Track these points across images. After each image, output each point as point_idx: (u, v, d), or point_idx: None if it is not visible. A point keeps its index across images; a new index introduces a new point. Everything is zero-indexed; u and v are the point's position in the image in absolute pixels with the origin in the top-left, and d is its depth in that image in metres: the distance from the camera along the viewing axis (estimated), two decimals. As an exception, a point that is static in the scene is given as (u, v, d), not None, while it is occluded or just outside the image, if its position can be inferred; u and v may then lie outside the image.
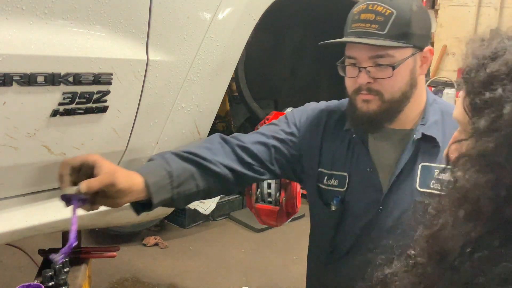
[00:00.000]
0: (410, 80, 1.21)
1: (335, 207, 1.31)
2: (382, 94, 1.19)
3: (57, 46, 1.11)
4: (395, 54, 1.16)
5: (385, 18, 1.16)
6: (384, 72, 1.17)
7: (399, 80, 1.18)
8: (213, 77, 1.44)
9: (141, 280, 2.97)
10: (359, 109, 1.22)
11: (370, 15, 1.17)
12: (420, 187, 1.21)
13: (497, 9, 5.30)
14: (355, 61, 1.21)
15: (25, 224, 1.21)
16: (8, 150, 1.11)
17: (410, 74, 1.21)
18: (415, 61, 1.21)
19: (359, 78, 1.19)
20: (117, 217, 1.42)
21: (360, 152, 1.29)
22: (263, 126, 1.44)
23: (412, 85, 1.22)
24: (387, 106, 1.20)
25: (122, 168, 1.14)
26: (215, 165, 1.26)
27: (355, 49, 1.20)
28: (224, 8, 1.41)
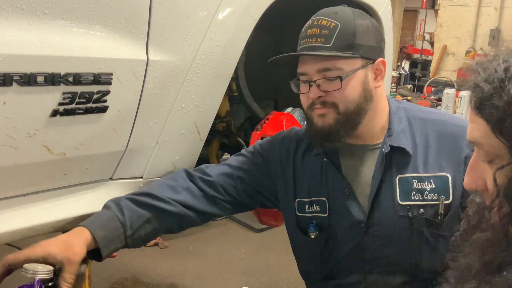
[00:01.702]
0: (363, 92, 1.19)
1: (314, 233, 1.30)
2: (337, 105, 1.17)
3: (57, 46, 1.11)
4: (343, 66, 1.16)
5: (330, 31, 1.16)
6: (333, 84, 1.16)
7: (351, 91, 1.17)
8: (213, 77, 1.44)
9: (141, 280, 2.97)
10: (315, 123, 1.21)
11: (315, 30, 1.17)
12: (402, 201, 1.19)
13: (497, 9, 5.31)
14: (307, 77, 1.20)
15: (25, 224, 1.21)
16: (8, 150, 1.11)
17: (362, 85, 1.19)
18: (366, 73, 1.19)
19: (310, 92, 1.19)
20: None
21: (334, 175, 1.27)
22: (231, 157, 1.44)
23: (367, 98, 1.20)
24: (343, 119, 1.18)
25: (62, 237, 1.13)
26: (173, 206, 1.27)
27: (304, 65, 1.20)
28: (224, 8, 1.41)
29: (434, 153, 1.22)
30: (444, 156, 1.21)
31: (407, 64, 8.83)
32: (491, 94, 0.73)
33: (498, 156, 0.74)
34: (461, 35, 5.55)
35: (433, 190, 1.18)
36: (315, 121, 1.21)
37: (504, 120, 0.71)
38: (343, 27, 1.16)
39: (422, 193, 1.18)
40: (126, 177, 1.40)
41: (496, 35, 5.29)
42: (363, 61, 1.18)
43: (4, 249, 1.29)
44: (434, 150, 1.22)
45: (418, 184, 1.19)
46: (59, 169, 1.26)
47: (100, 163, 1.33)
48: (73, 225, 1.35)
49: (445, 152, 1.21)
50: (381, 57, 1.22)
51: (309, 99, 1.20)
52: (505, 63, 0.73)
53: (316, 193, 1.30)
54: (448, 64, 5.79)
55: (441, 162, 1.21)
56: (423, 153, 1.22)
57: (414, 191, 1.19)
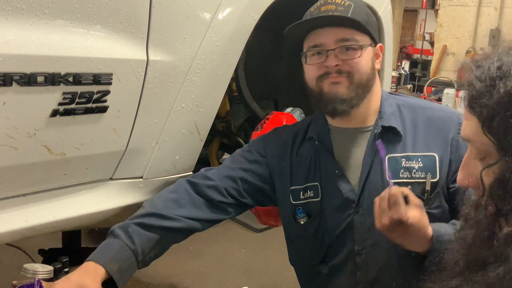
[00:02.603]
0: (371, 67, 1.26)
1: (303, 220, 1.32)
2: (353, 74, 1.21)
3: (57, 46, 1.11)
4: (359, 39, 1.22)
5: (345, 8, 1.21)
6: (352, 53, 1.21)
7: (365, 63, 1.23)
8: (213, 77, 1.44)
9: (141, 280, 2.97)
10: (326, 93, 1.23)
11: (330, 6, 1.22)
12: (389, 179, 1.18)
13: (497, 9, 5.31)
14: (321, 48, 1.23)
15: (25, 224, 1.21)
16: (8, 150, 1.11)
17: (371, 61, 1.26)
18: (373, 52, 1.27)
19: (328, 61, 1.21)
20: (117, 217, 1.42)
21: (326, 159, 1.30)
22: (228, 157, 1.45)
23: (373, 75, 1.27)
24: (355, 89, 1.22)
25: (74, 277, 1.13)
26: (180, 222, 1.27)
27: (320, 36, 1.24)
28: (224, 8, 1.41)
29: (422, 135, 1.26)
30: (431, 138, 1.25)
31: (407, 64, 8.84)
32: (483, 92, 0.73)
33: (488, 154, 0.74)
34: (461, 35, 5.56)
35: (420, 168, 1.21)
36: (326, 90, 1.23)
37: (494, 119, 0.71)
38: (356, 6, 1.23)
39: (410, 171, 1.22)
40: (126, 177, 1.40)
41: (496, 35, 5.29)
42: (371, 40, 1.26)
43: (4, 249, 1.29)
44: (422, 133, 1.26)
45: (406, 162, 1.22)
46: (59, 169, 1.26)
47: (100, 163, 1.33)
48: (73, 225, 1.35)
49: (432, 134, 1.25)
50: (380, 43, 1.31)
51: (322, 68, 1.23)
52: (498, 62, 0.74)
53: (310, 178, 1.32)
54: (448, 64, 5.79)
55: (429, 143, 1.24)
56: (412, 134, 1.26)
57: (403, 169, 1.21)
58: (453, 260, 0.83)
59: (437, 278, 0.85)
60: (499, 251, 0.70)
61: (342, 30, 1.21)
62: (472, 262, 0.76)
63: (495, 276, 0.69)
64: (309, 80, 1.28)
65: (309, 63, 1.26)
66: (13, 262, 2.57)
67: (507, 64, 0.73)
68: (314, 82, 1.26)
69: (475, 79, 0.75)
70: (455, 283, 0.77)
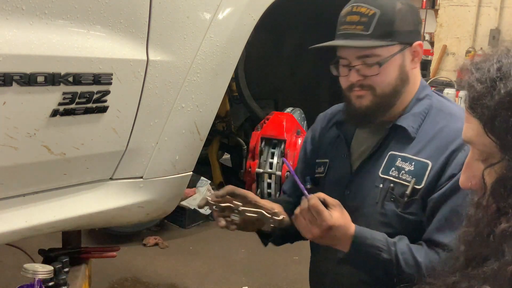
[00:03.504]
0: (399, 75, 1.25)
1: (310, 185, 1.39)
2: (374, 88, 1.24)
3: (57, 46, 1.11)
4: (381, 53, 1.21)
5: (369, 19, 1.20)
6: (371, 70, 1.22)
7: (388, 76, 1.23)
8: (213, 77, 1.44)
9: (141, 280, 2.97)
10: (353, 104, 1.28)
11: (355, 17, 1.22)
12: (381, 173, 1.25)
13: (497, 9, 5.30)
14: (346, 62, 1.26)
15: (25, 224, 1.21)
16: (8, 150, 1.11)
17: (399, 69, 1.25)
18: (403, 56, 1.25)
19: (350, 76, 1.25)
20: (117, 217, 1.42)
21: (341, 141, 1.38)
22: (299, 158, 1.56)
23: (403, 80, 1.26)
24: (379, 101, 1.25)
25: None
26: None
27: (344, 51, 1.26)
28: (224, 8, 1.41)
29: (434, 142, 1.25)
30: (438, 146, 1.24)
31: (407, 64, 8.81)
32: (483, 93, 0.74)
33: (490, 154, 0.75)
34: (461, 35, 5.55)
35: (410, 171, 1.22)
36: (353, 102, 1.28)
37: (495, 119, 0.72)
38: (382, 14, 1.20)
39: (399, 171, 1.24)
40: (126, 177, 1.40)
41: (496, 35, 5.29)
42: (401, 46, 1.24)
43: (4, 249, 1.29)
44: (435, 140, 1.26)
45: (400, 162, 1.24)
46: (59, 169, 1.26)
47: (100, 163, 1.33)
48: (73, 225, 1.35)
49: (438, 141, 1.24)
50: (418, 40, 1.27)
51: (348, 81, 1.26)
52: (498, 63, 0.74)
53: (325, 155, 1.42)
54: (448, 64, 5.78)
55: (433, 151, 1.24)
56: (425, 140, 1.26)
57: (394, 168, 1.24)
58: (454, 257, 0.83)
59: (438, 274, 0.86)
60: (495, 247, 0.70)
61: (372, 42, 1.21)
62: (472, 259, 0.77)
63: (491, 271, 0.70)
64: (342, 88, 1.32)
65: (339, 74, 1.31)
66: (13, 262, 2.57)
67: (506, 65, 0.73)
68: (345, 92, 1.31)
69: (476, 81, 0.75)
70: (454, 279, 0.78)
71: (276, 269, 3.18)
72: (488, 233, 0.73)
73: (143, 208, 1.45)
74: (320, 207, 1.13)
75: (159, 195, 1.46)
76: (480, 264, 0.73)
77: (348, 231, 1.16)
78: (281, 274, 3.12)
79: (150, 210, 1.48)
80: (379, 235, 1.18)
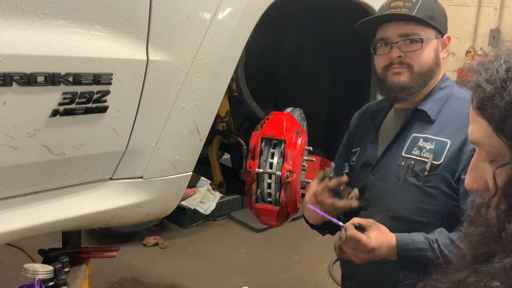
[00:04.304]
0: (435, 57, 1.39)
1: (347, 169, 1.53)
2: (412, 66, 1.36)
3: (57, 46, 1.11)
4: (421, 33, 1.36)
5: (413, 4, 1.35)
6: (413, 46, 1.36)
7: (426, 55, 1.37)
8: (213, 77, 1.44)
9: (141, 280, 2.97)
10: (389, 81, 1.39)
11: (399, 3, 1.36)
12: (405, 153, 1.37)
13: (497, 9, 5.31)
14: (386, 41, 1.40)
15: (25, 224, 1.21)
16: (8, 150, 1.11)
17: (435, 52, 1.39)
18: (438, 43, 1.40)
19: (391, 52, 1.37)
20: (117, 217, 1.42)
21: (370, 131, 1.54)
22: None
23: (437, 64, 1.40)
24: (415, 78, 1.37)
25: None
26: None
27: (386, 31, 1.39)
28: (224, 8, 1.41)
29: (453, 124, 1.35)
30: (458, 127, 1.32)
31: (407, 64, 8.81)
32: (493, 94, 0.73)
33: (500, 155, 0.74)
34: (461, 35, 5.55)
35: (430, 150, 1.33)
36: (390, 79, 1.39)
37: (506, 120, 0.71)
38: (424, 2, 1.37)
39: (421, 150, 1.35)
40: (126, 177, 1.40)
41: (496, 35, 5.29)
42: (437, 32, 1.39)
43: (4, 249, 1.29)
44: (455, 122, 1.35)
45: (422, 142, 1.35)
46: (59, 169, 1.26)
47: (100, 163, 1.33)
48: (73, 225, 1.35)
49: (456, 122, 1.33)
50: (447, 34, 1.44)
51: (387, 59, 1.39)
52: (507, 64, 0.74)
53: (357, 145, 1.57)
54: (448, 64, 5.78)
55: (452, 131, 1.33)
56: (445, 122, 1.36)
57: (416, 147, 1.36)
58: (460, 255, 0.84)
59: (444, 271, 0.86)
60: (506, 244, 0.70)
61: (406, 25, 1.35)
62: (479, 256, 0.77)
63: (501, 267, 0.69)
64: (377, 69, 1.44)
65: (377, 54, 1.43)
66: (13, 262, 2.57)
67: None
68: (380, 71, 1.42)
69: (484, 82, 0.75)
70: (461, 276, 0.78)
71: (276, 269, 3.19)
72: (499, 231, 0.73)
73: (143, 208, 1.45)
74: (357, 235, 1.22)
75: (159, 195, 1.46)
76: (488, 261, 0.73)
77: (390, 243, 1.24)
78: (281, 274, 3.12)
79: (150, 210, 1.48)
80: (419, 236, 1.25)
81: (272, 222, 1.66)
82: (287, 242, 3.50)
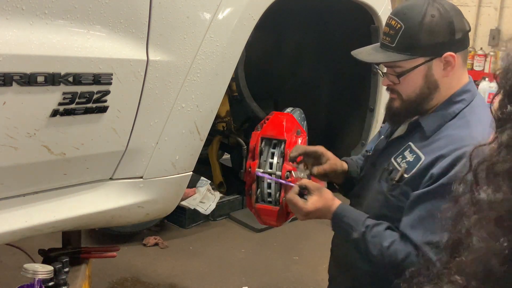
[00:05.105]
0: (425, 83, 1.32)
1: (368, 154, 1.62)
2: (401, 94, 1.35)
3: (57, 46, 1.11)
4: (404, 64, 1.31)
5: (395, 32, 1.30)
6: (393, 79, 1.34)
7: (411, 85, 1.32)
8: (213, 77, 1.44)
9: (141, 280, 2.97)
10: (387, 104, 1.42)
11: (386, 28, 1.33)
12: (393, 158, 1.37)
13: (497, 9, 5.30)
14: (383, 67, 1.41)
15: (25, 224, 1.21)
16: (8, 150, 1.11)
17: (425, 78, 1.31)
18: (430, 67, 1.31)
19: (383, 81, 1.39)
20: (117, 217, 1.42)
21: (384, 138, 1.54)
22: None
23: (431, 88, 1.32)
24: (406, 105, 1.35)
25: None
26: None
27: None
28: (224, 8, 1.41)
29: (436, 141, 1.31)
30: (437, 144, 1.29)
31: (407, 64, 8.81)
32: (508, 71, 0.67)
33: None
34: (461, 35, 5.56)
35: (407, 162, 1.32)
36: (388, 102, 1.42)
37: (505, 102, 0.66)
38: (406, 28, 1.28)
39: (402, 159, 1.35)
40: (126, 177, 1.40)
41: (496, 35, 5.29)
42: (425, 58, 1.30)
43: (4, 249, 1.29)
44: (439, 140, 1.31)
45: (407, 152, 1.34)
46: (59, 169, 1.26)
47: (100, 163, 1.33)
48: (73, 225, 1.35)
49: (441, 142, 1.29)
50: (450, 51, 1.29)
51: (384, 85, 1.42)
52: None
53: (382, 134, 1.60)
54: (448, 64, 5.78)
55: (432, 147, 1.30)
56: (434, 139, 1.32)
57: (401, 156, 1.35)
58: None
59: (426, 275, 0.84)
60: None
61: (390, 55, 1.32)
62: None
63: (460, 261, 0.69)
64: None
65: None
66: (13, 262, 2.57)
67: None
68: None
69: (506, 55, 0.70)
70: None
71: (276, 269, 3.18)
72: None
73: (143, 208, 1.45)
74: (293, 200, 1.36)
75: (159, 195, 1.46)
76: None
77: (330, 209, 1.36)
78: (281, 274, 3.12)
79: (150, 210, 1.48)
80: (360, 216, 1.34)
81: (272, 222, 1.66)
82: (287, 242, 3.50)
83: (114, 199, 1.39)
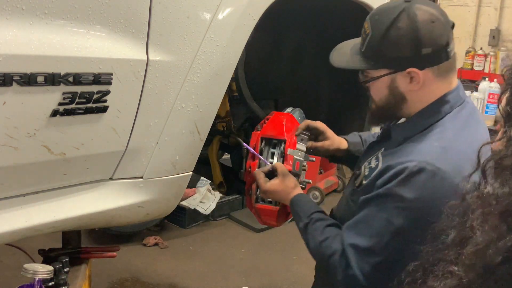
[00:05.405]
0: (390, 95, 1.26)
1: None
2: (373, 99, 1.33)
3: (57, 46, 1.11)
4: (368, 72, 1.28)
5: (365, 36, 1.25)
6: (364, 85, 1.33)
7: (377, 93, 1.29)
8: (213, 77, 1.44)
9: (141, 280, 2.97)
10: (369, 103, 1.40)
11: (362, 29, 1.28)
12: (366, 162, 1.36)
13: (497, 9, 5.30)
14: None
15: (25, 224, 1.21)
16: (8, 150, 1.11)
17: (389, 89, 1.25)
18: (393, 79, 1.23)
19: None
20: (117, 217, 1.42)
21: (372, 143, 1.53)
22: None
23: (397, 100, 1.26)
24: (378, 110, 1.33)
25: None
26: None
27: None
28: (224, 8, 1.41)
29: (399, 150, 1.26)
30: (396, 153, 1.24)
31: (407, 64, 8.81)
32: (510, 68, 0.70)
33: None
34: (461, 35, 5.55)
35: (370, 168, 1.31)
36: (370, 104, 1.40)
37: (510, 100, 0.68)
38: (372, 36, 1.22)
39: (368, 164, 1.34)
40: (126, 177, 1.40)
41: (496, 35, 5.28)
42: (388, 70, 1.23)
43: (4, 249, 1.29)
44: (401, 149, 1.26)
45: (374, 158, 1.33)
46: (59, 169, 1.26)
47: (100, 163, 1.34)
48: (73, 225, 1.35)
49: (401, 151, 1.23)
50: (414, 67, 1.20)
51: None
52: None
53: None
54: (448, 64, 5.78)
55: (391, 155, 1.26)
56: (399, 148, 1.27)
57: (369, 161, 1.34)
58: None
59: None
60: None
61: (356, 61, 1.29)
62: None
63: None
64: None
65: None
66: (13, 262, 2.57)
67: None
68: None
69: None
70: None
71: (276, 269, 3.19)
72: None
73: (143, 208, 1.45)
74: (256, 175, 1.47)
75: (159, 195, 1.46)
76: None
77: (288, 196, 1.42)
78: (281, 274, 3.12)
79: (150, 210, 1.48)
80: (311, 208, 1.38)
81: (272, 222, 1.66)
82: (287, 242, 3.50)
83: (114, 199, 1.39)
